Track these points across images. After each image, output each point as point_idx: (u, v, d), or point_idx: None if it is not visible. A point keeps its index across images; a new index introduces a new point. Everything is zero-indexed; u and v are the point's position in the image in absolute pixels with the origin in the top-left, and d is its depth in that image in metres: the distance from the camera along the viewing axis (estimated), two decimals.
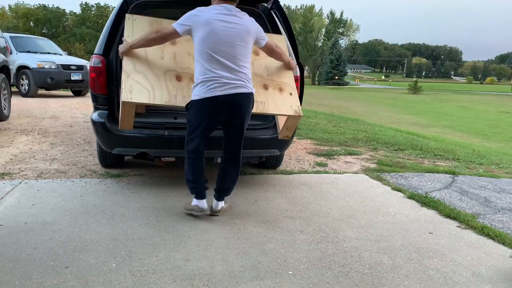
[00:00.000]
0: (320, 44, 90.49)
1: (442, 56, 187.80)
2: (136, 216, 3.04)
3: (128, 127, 3.12)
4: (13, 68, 10.50)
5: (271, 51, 3.23)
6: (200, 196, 3.06)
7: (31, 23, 73.46)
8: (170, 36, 2.96)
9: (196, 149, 2.97)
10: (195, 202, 3.07)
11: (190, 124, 2.96)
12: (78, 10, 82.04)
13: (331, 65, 73.28)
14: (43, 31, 72.33)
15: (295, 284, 2.22)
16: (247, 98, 2.91)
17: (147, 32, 3.01)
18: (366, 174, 4.51)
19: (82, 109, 8.92)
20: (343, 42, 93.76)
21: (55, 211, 3.05)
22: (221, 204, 3.15)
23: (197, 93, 2.86)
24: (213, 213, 3.12)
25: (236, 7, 2.99)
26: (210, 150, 3.33)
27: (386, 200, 3.69)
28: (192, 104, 2.92)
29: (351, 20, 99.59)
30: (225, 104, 2.84)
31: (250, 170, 4.42)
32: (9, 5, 72.98)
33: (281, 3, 3.96)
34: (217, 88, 2.82)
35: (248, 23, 2.96)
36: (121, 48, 3.08)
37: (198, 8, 2.90)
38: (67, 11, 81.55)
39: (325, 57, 79.54)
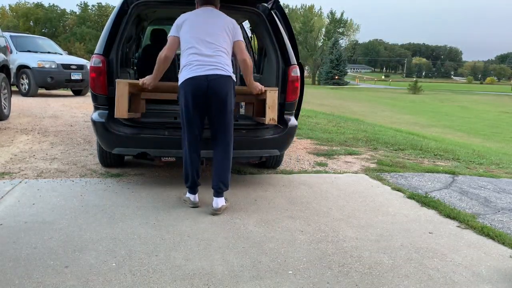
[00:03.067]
0: (320, 44, 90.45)
1: (442, 56, 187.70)
2: (136, 215, 3.04)
3: (122, 114, 3.27)
4: (13, 67, 10.49)
5: (240, 50, 3.22)
6: (192, 190, 3.28)
7: (31, 23, 73.46)
8: (172, 44, 3.16)
9: (188, 141, 3.16)
10: (188, 195, 3.31)
11: (181, 113, 3.14)
12: (77, 10, 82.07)
13: (331, 65, 73.24)
14: (43, 30, 72.34)
15: (295, 283, 2.22)
16: (223, 79, 3.06)
17: (159, 57, 3.16)
18: (366, 174, 4.51)
19: (82, 109, 8.93)
20: (343, 42, 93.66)
21: (55, 211, 3.05)
22: (221, 202, 3.17)
23: (181, 77, 3.10)
24: (214, 212, 3.14)
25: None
26: (210, 151, 3.38)
27: (386, 200, 3.69)
28: (178, 89, 3.13)
29: (351, 20, 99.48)
30: (204, 83, 3.01)
31: (250, 169, 4.42)
32: (9, 5, 72.95)
33: (281, 3, 3.96)
34: (196, 70, 3.02)
35: (226, 18, 3.23)
36: (148, 81, 3.27)
37: (181, 15, 3.22)
38: (67, 10, 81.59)
39: (325, 57, 79.47)
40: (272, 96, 3.46)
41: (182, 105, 3.10)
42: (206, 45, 3.08)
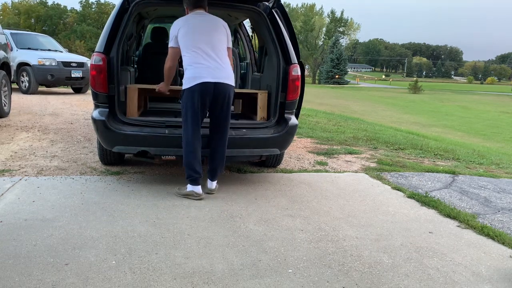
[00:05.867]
0: (320, 43, 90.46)
1: (442, 56, 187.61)
2: (136, 213, 3.04)
3: (133, 114, 3.72)
4: (13, 64, 10.48)
5: (229, 56, 3.53)
6: (195, 182, 3.36)
7: (32, 20, 73.41)
8: (174, 55, 3.40)
9: (193, 131, 3.31)
10: (190, 188, 3.38)
11: (186, 110, 3.31)
12: (78, 7, 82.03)
13: (331, 64, 73.17)
14: (44, 28, 72.26)
15: (294, 282, 2.22)
16: (228, 87, 3.36)
17: (165, 68, 3.47)
18: (366, 173, 4.51)
19: (83, 107, 8.92)
20: (344, 41, 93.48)
21: (55, 208, 3.05)
22: (215, 183, 3.52)
23: (189, 81, 3.27)
24: (210, 191, 3.48)
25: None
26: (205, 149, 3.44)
27: (386, 199, 3.69)
28: (185, 90, 3.30)
29: (351, 19, 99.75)
30: (211, 88, 3.27)
31: (250, 168, 4.42)
32: (12, 1, 72.87)
33: (282, 2, 3.96)
34: (205, 76, 3.25)
35: (224, 24, 3.47)
36: (162, 88, 3.63)
37: (174, 23, 3.39)
38: (68, 8, 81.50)
39: (325, 56, 79.48)
40: (262, 98, 3.98)
41: (188, 104, 3.28)
42: (212, 51, 3.31)
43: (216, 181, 3.53)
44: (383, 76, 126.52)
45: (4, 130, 5.87)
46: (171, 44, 3.38)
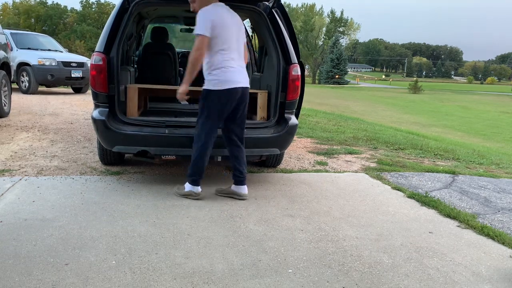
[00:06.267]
0: (320, 43, 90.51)
1: (442, 56, 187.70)
2: (136, 213, 3.04)
3: (133, 114, 3.76)
4: (13, 64, 10.48)
5: (245, 51, 3.52)
6: (196, 183, 3.36)
7: (32, 20, 73.45)
8: (205, 44, 3.14)
9: (210, 136, 3.29)
10: (189, 187, 3.37)
11: (209, 112, 3.27)
12: (78, 7, 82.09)
13: (331, 64, 73.19)
14: (44, 28, 72.30)
15: (294, 282, 2.22)
16: (248, 90, 3.43)
17: (189, 61, 3.16)
18: (366, 173, 4.51)
19: (83, 106, 8.92)
20: (344, 41, 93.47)
21: (55, 208, 3.05)
22: (246, 187, 3.48)
23: (218, 83, 3.21)
24: (244, 197, 3.44)
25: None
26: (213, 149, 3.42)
27: (386, 199, 3.69)
28: (209, 91, 3.23)
29: (351, 19, 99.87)
30: (239, 93, 3.28)
31: (250, 168, 4.42)
32: (13, 1, 72.90)
33: (282, 2, 3.95)
34: (235, 80, 3.25)
35: (241, 20, 3.45)
36: (183, 89, 3.26)
37: (204, 10, 3.16)
38: (68, 8, 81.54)
39: (325, 56, 79.53)
40: (262, 98, 4.00)
41: (213, 107, 3.24)
42: (238, 52, 3.32)
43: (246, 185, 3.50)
44: (383, 76, 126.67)
45: (4, 130, 5.87)
46: (202, 31, 3.09)
